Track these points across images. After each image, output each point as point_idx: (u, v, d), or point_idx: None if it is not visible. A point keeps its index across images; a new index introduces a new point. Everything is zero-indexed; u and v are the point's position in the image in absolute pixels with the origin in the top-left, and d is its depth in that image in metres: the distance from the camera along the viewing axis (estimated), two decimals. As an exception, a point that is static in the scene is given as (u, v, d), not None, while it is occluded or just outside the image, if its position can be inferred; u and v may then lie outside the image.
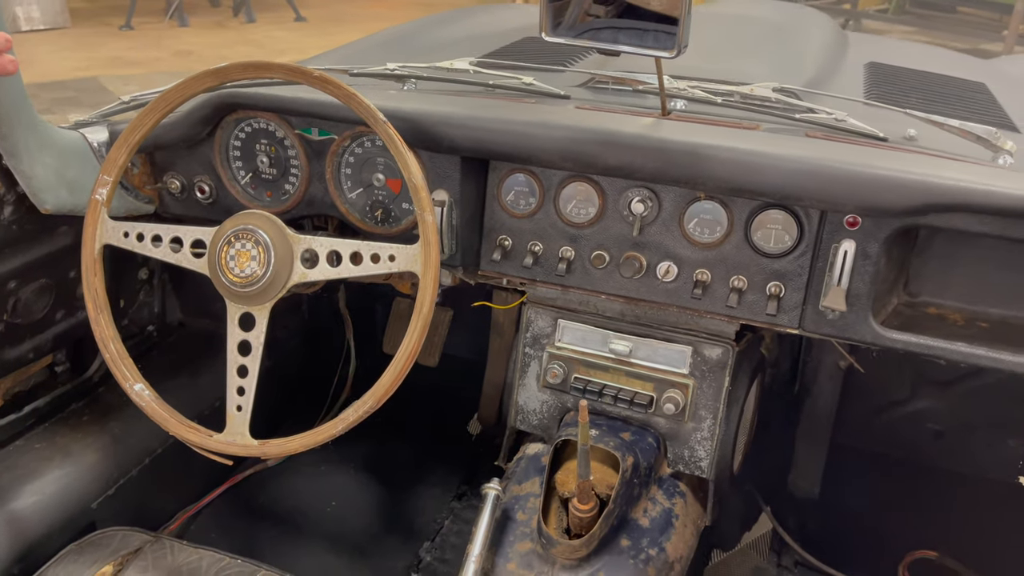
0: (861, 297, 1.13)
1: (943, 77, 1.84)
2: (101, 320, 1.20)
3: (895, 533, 1.75)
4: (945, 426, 1.92)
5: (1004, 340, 1.13)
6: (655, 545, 1.22)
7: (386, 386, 1.12)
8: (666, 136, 1.14)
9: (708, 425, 1.31)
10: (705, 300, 1.24)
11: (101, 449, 1.52)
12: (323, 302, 2.09)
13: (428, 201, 1.11)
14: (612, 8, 0.99)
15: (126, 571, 1.19)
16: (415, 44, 2.14)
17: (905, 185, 1.03)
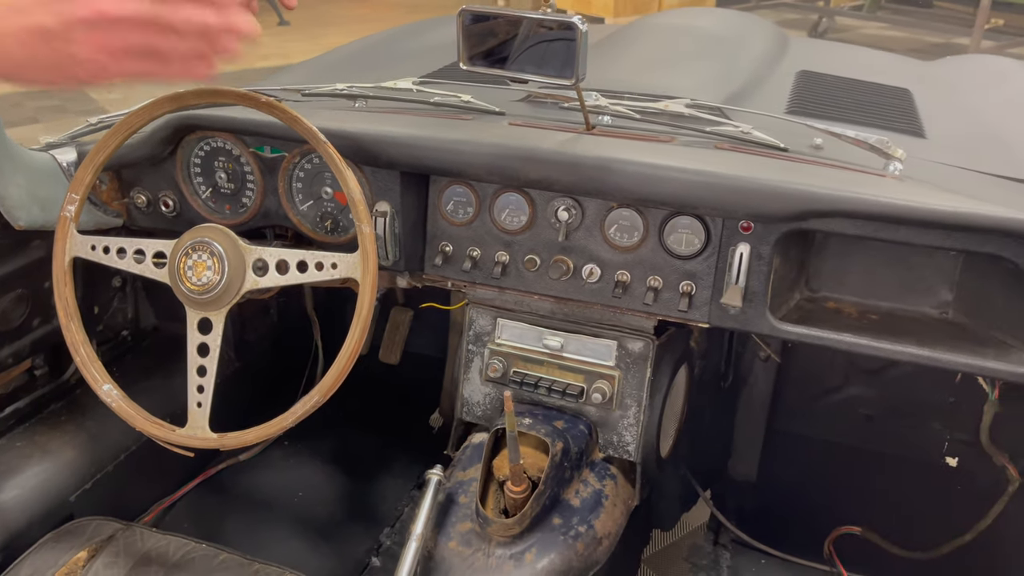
0: (758, 294, 1.25)
1: (868, 84, 1.96)
2: (72, 326, 1.31)
3: (826, 511, 1.87)
4: (875, 411, 2.05)
5: (889, 330, 1.25)
6: (584, 523, 1.33)
7: (331, 382, 1.24)
8: (580, 151, 1.25)
9: (633, 412, 1.43)
10: (625, 299, 1.36)
11: (78, 446, 1.63)
12: (292, 306, 2.21)
13: (366, 213, 1.22)
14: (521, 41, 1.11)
15: (99, 557, 1.30)
16: (378, 57, 2.26)
17: (786, 194, 1.15)
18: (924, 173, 1.33)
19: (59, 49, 0.72)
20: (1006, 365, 1.16)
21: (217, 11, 0.78)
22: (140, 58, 0.76)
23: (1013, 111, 1.92)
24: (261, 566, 1.30)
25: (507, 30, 1.11)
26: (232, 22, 0.80)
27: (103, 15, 0.72)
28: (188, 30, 0.77)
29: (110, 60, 0.74)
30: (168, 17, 0.75)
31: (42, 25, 0.71)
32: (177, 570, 1.28)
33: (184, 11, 0.76)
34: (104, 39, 0.73)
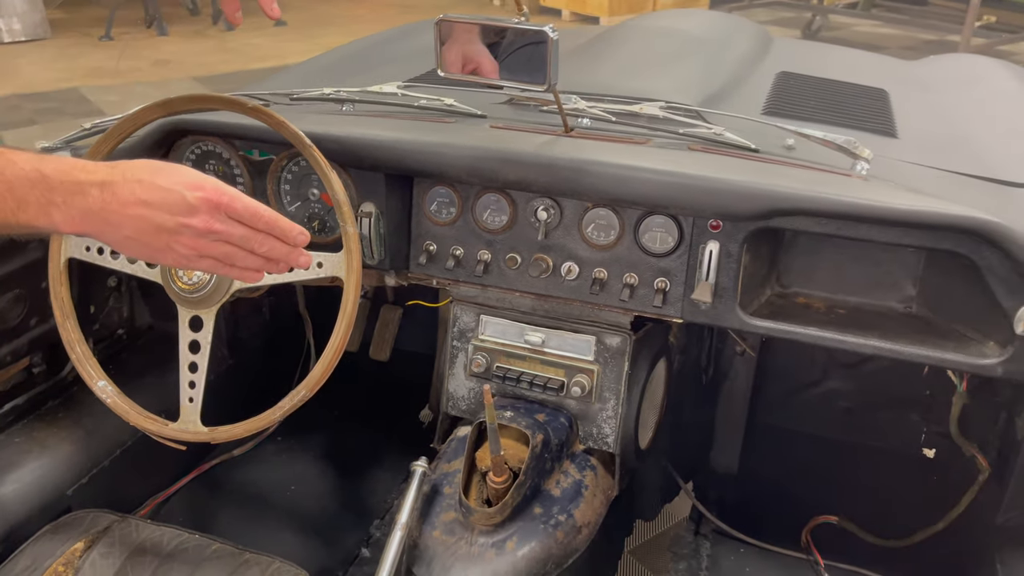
0: (727, 290, 1.29)
1: (845, 85, 2.00)
2: (67, 325, 1.36)
3: (805, 502, 1.92)
4: (854, 403, 2.10)
5: (855, 324, 1.30)
6: (564, 512, 1.38)
7: (318, 376, 1.28)
8: (556, 153, 1.30)
9: (612, 405, 1.48)
10: (602, 295, 1.40)
11: (75, 442, 1.68)
12: (284, 305, 2.26)
13: (350, 214, 1.27)
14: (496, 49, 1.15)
15: (96, 547, 1.35)
16: (366, 61, 2.30)
17: (751, 193, 1.20)
18: (890, 173, 1.38)
19: (165, 240, 0.92)
20: (965, 357, 1.21)
21: (286, 247, 1.00)
22: (216, 261, 0.97)
23: (986, 110, 1.97)
24: (252, 555, 1.35)
25: (483, 39, 1.16)
26: (293, 256, 1.02)
27: (209, 229, 0.92)
28: (261, 253, 0.98)
29: (196, 257, 0.95)
30: (251, 242, 0.96)
31: (161, 222, 0.90)
32: (170, 560, 1.33)
33: (264, 241, 0.97)
34: (200, 244, 0.93)
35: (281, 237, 0.99)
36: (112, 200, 0.88)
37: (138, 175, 0.90)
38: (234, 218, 0.94)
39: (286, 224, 0.99)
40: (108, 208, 0.88)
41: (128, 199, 0.88)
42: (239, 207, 0.94)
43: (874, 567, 1.77)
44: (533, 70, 1.13)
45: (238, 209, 0.94)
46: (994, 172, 1.52)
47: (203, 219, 0.92)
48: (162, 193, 0.89)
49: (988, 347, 1.21)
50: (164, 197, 0.90)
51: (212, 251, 0.95)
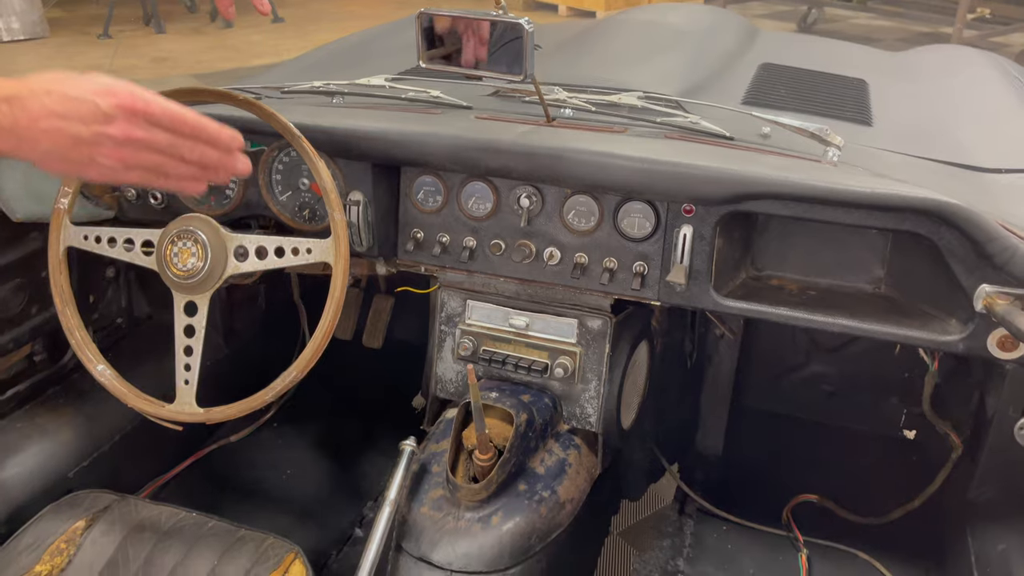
0: (701, 272, 1.34)
1: (826, 75, 2.05)
2: (67, 311, 1.41)
3: (788, 483, 1.97)
4: (836, 387, 2.15)
5: (825, 304, 1.34)
6: (548, 488, 1.43)
7: (308, 358, 1.33)
8: (536, 142, 1.35)
9: (594, 386, 1.53)
10: (583, 279, 1.45)
11: (76, 427, 1.73)
12: (279, 295, 2.31)
13: (337, 201, 1.32)
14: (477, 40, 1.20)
15: (96, 525, 1.40)
16: (356, 55, 2.35)
17: (720, 178, 1.24)
18: (861, 159, 1.43)
19: (85, 153, 0.87)
20: (928, 334, 1.26)
21: (220, 152, 0.96)
22: (146, 172, 0.92)
23: (964, 99, 2.01)
24: (247, 532, 1.40)
25: (463, 30, 1.21)
26: (228, 161, 0.98)
27: (129, 137, 0.88)
28: (192, 160, 0.94)
29: (122, 168, 0.90)
30: (179, 148, 0.92)
31: (77, 133, 0.86)
32: (168, 537, 1.38)
33: (194, 147, 0.93)
34: (124, 154, 0.89)
35: (211, 142, 0.95)
36: (22, 115, 0.84)
37: (46, 86, 0.86)
38: (155, 124, 0.90)
39: (214, 127, 0.95)
40: (19, 124, 0.84)
41: (38, 112, 0.84)
42: (157, 111, 0.90)
43: (852, 543, 1.83)
44: (511, 61, 1.18)
45: (156, 113, 0.90)
46: (966, 158, 1.57)
47: (121, 127, 0.88)
48: (74, 103, 0.85)
49: (950, 325, 1.26)
50: (76, 107, 0.85)
51: (139, 161, 0.91)
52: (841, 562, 1.81)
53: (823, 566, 1.80)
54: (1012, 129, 1.79)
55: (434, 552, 1.32)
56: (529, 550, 1.35)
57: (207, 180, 0.98)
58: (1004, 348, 1.22)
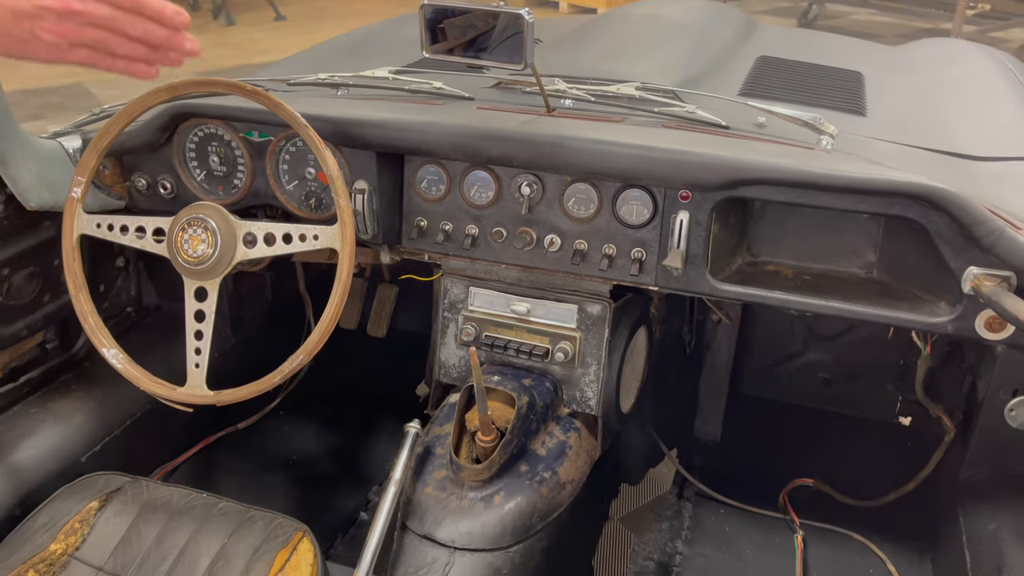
0: (697, 257, 1.38)
1: (822, 68, 2.09)
2: (80, 297, 1.45)
3: (785, 468, 2.01)
4: (833, 374, 2.19)
5: (818, 288, 1.38)
6: (549, 469, 1.47)
7: (314, 342, 1.37)
8: (536, 131, 1.39)
9: (594, 370, 1.57)
10: (583, 266, 1.49)
11: (88, 412, 1.77)
12: (286, 286, 2.35)
13: (343, 189, 1.35)
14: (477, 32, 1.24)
15: (109, 505, 1.44)
16: (361, 50, 2.39)
17: (715, 165, 1.28)
18: (854, 147, 1.46)
19: (26, 27, 0.87)
20: (918, 316, 1.30)
21: (165, 29, 0.94)
22: (92, 49, 0.92)
23: (958, 90, 2.05)
24: (256, 512, 1.44)
25: (465, 22, 1.25)
26: (175, 40, 0.96)
27: (68, 9, 0.88)
28: (136, 36, 0.93)
29: (67, 46, 0.90)
30: (121, 23, 0.91)
31: (16, 6, 0.86)
32: (179, 516, 1.42)
33: (137, 23, 0.92)
34: (66, 28, 0.88)
35: (155, 18, 0.93)
36: None
37: None
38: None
39: (157, 3, 0.93)
40: None
41: None
42: None
43: (847, 525, 1.87)
44: (512, 52, 1.21)
45: None
46: (956, 147, 1.61)
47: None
48: None
49: (940, 307, 1.29)
50: None
51: (82, 37, 0.90)
52: (836, 543, 1.85)
53: (818, 547, 1.84)
54: (1003, 119, 1.83)
55: (438, 530, 1.36)
56: (530, 529, 1.39)
57: (157, 62, 0.97)
58: (992, 329, 1.25)
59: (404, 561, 1.35)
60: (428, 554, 1.35)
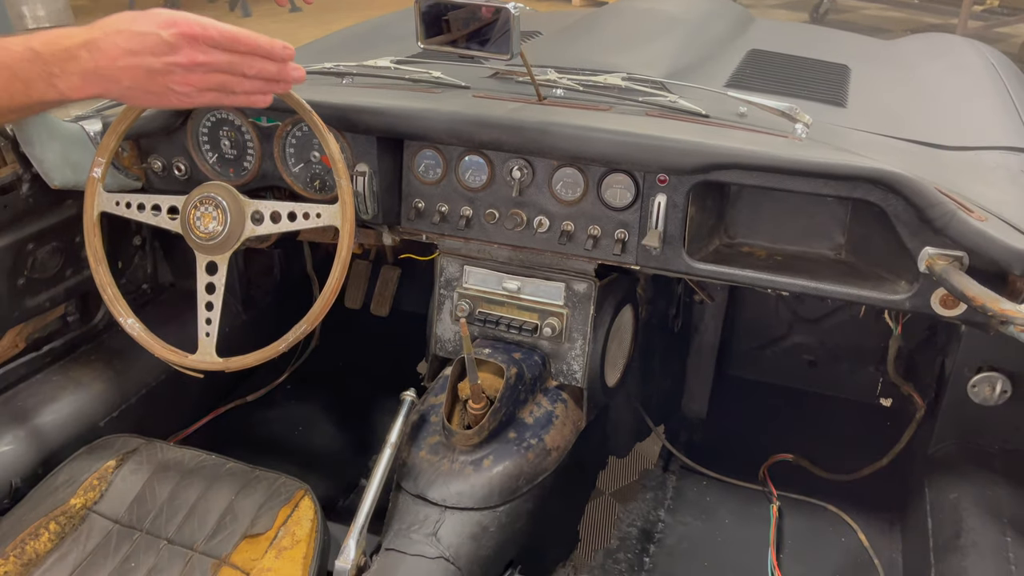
0: (675, 237, 1.47)
1: (809, 61, 2.16)
2: (100, 270, 1.55)
3: (766, 444, 2.10)
4: (817, 356, 2.28)
5: (789, 268, 1.47)
6: (536, 436, 1.56)
7: (317, 312, 1.47)
8: (525, 117, 1.48)
9: (579, 344, 1.66)
10: (569, 246, 1.58)
11: (106, 380, 1.88)
12: (294, 266, 2.46)
13: (344, 170, 1.45)
14: (470, 21, 1.33)
15: (126, 464, 1.55)
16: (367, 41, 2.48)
17: (689, 150, 1.37)
18: (827, 136, 1.55)
19: (161, 83, 1.00)
20: (879, 293, 1.38)
21: (275, 63, 1.08)
22: (216, 92, 1.05)
23: (941, 83, 2.13)
24: (261, 472, 1.54)
25: (457, 14, 1.34)
26: (284, 71, 1.10)
27: (194, 62, 1.00)
28: (252, 74, 1.06)
29: (195, 92, 1.03)
30: (240, 66, 1.04)
31: (150, 66, 0.98)
32: (191, 475, 1.53)
33: (252, 63, 1.05)
34: (194, 79, 1.01)
35: (267, 55, 1.05)
36: (101, 57, 0.95)
37: (117, 27, 0.97)
38: (215, 46, 1.00)
39: (266, 42, 1.05)
40: (100, 65, 0.95)
41: (114, 52, 0.95)
42: (215, 34, 1.00)
43: (822, 498, 1.96)
44: (501, 43, 1.31)
45: (215, 36, 1.00)
46: (928, 137, 1.69)
47: (186, 53, 0.98)
48: (142, 38, 0.96)
49: (899, 285, 1.38)
50: (144, 42, 0.96)
51: (208, 83, 1.02)
52: (810, 513, 1.94)
53: (793, 517, 1.93)
54: (977, 111, 1.90)
55: (430, 490, 1.46)
56: (517, 491, 1.49)
57: (271, 92, 1.11)
58: (946, 306, 1.34)
59: (398, 518, 1.45)
60: (420, 512, 1.44)
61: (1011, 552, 1.39)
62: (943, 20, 7.71)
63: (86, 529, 1.44)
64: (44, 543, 1.40)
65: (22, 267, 1.71)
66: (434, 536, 1.40)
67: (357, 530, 1.37)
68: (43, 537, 1.41)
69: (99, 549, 1.41)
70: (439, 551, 1.38)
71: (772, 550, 1.85)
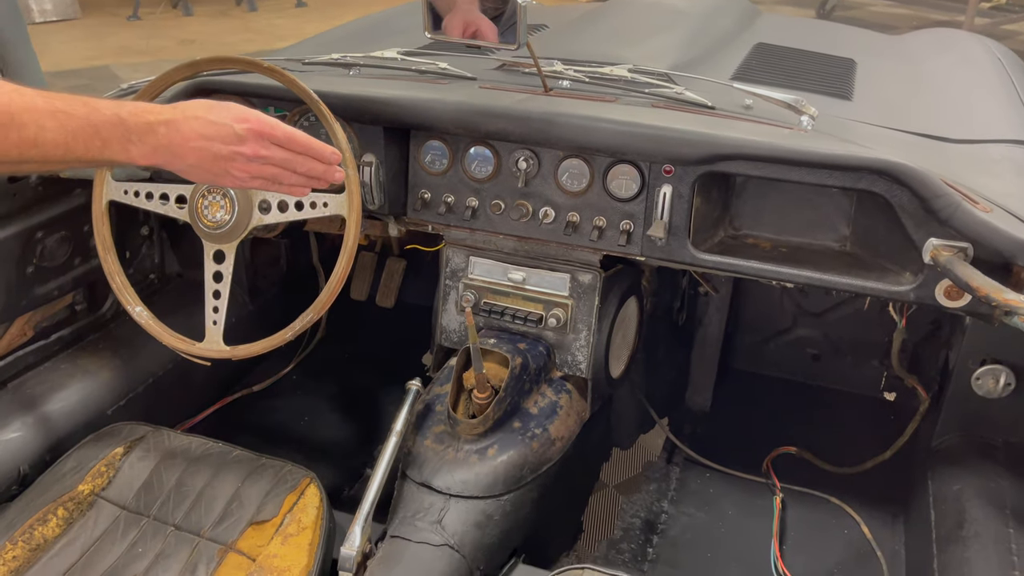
0: (679, 228, 1.48)
1: (815, 55, 2.17)
2: (108, 258, 1.57)
3: (770, 437, 2.11)
4: (821, 350, 2.29)
5: (793, 260, 1.48)
6: (540, 427, 1.57)
7: (323, 301, 1.48)
8: (531, 108, 1.49)
9: (584, 335, 1.67)
10: (575, 237, 1.59)
11: (114, 370, 1.89)
12: (300, 258, 2.47)
13: (351, 160, 1.46)
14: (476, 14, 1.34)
15: (133, 452, 1.56)
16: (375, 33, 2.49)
17: (694, 140, 1.38)
18: (833, 128, 1.55)
19: (222, 167, 1.12)
20: (884, 285, 1.39)
21: (322, 166, 1.20)
22: (266, 181, 1.17)
23: (944, 78, 2.13)
24: (267, 460, 1.55)
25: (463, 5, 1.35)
26: (329, 172, 1.22)
27: (257, 155, 1.13)
28: (302, 172, 1.19)
29: (249, 179, 1.15)
30: (292, 163, 1.17)
31: (218, 152, 1.10)
32: (197, 462, 1.54)
33: (304, 162, 1.18)
34: (251, 168, 1.14)
35: (317, 157, 1.19)
36: (176, 136, 1.07)
37: (196, 113, 1.09)
38: (276, 143, 1.14)
39: (319, 146, 1.19)
40: (173, 143, 1.07)
41: (189, 134, 1.07)
42: (279, 134, 1.14)
43: (826, 490, 1.96)
44: (508, 34, 1.31)
45: (279, 136, 1.14)
46: (934, 130, 1.69)
47: (251, 146, 1.11)
48: (216, 127, 1.09)
49: (904, 276, 1.39)
50: (218, 130, 1.09)
51: (262, 173, 1.15)
52: (814, 506, 1.95)
53: (796, 509, 1.94)
54: (982, 105, 1.91)
55: (435, 478, 1.47)
56: (521, 480, 1.50)
57: (311, 187, 1.23)
58: (950, 297, 1.34)
59: (403, 506, 1.46)
60: (425, 500, 1.45)
61: (1014, 543, 1.39)
62: (950, 17, 7.69)
63: (94, 515, 1.45)
64: (52, 528, 1.41)
65: (31, 256, 1.73)
66: (439, 524, 1.41)
67: (362, 517, 1.37)
68: (51, 523, 1.42)
69: (107, 534, 1.42)
70: (444, 538, 1.39)
71: (775, 541, 1.85)
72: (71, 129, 0.99)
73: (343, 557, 1.34)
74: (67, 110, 0.99)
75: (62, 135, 0.98)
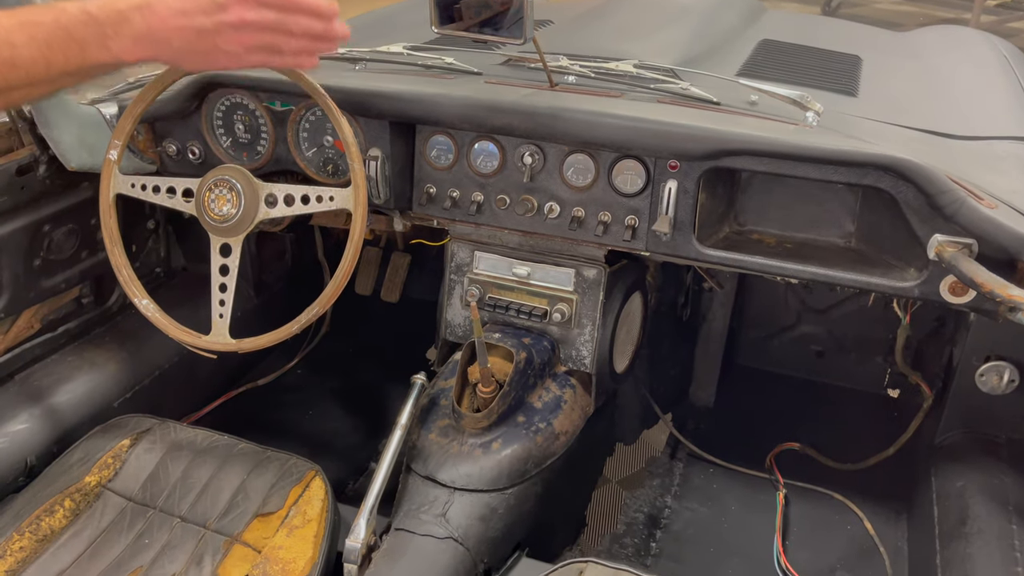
0: (684, 223, 1.48)
1: (820, 51, 2.17)
2: (115, 251, 1.57)
3: (773, 433, 2.11)
4: (825, 347, 2.29)
5: (797, 255, 1.48)
6: (544, 421, 1.58)
7: (329, 295, 1.48)
8: (537, 103, 1.49)
9: (588, 330, 1.67)
10: (580, 232, 1.59)
11: (120, 362, 1.90)
12: (305, 253, 2.47)
13: (357, 154, 1.46)
14: (483, 7, 1.34)
15: (140, 443, 1.57)
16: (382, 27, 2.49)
17: (699, 136, 1.38)
18: (838, 124, 1.55)
19: (209, 43, 1.03)
20: (889, 281, 1.39)
21: (321, 21, 1.10)
22: (265, 51, 1.07)
23: (950, 74, 2.13)
24: (272, 453, 1.56)
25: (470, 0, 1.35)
26: (331, 29, 1.12)
27: (243, 20, 1.03)
28: (300, 33, 1.09)
29: (244, 52, 1.06)
30: (287, 24, 1.07)
31: (201, 25, 1.01)
32: (203, 454, 1.55)
33: (299, 21, 1.08)
34: (243, 38, 1.04)
35: (313, 13, 1.09)
36: (153, 19, 0.99)
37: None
38: (262, 5, 1.05)
39: (311, 1, 1.08)
40: (152, 27, 0.99)
41: (165, 14, 0.99)
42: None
43: (829, 486, 1.97)
44: (514, 28, 1.32)
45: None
46: (939, 127, 1.69)
47: (235, 12, 1.02)
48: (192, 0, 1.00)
49: (908, 272, 1.39)
50: (196, 3, 1.00)
51: (256, 42, 1.06)
52: (816, 502, 1.95)
53: (799, 504, 1.95)
54: (988, 102, 1.91)
55: (440, 472, 1.47)
56: (525, 474, 1.50)
57: (317, 52, 1.14)
58: (955, 293, 1.35)
59: (408, 499, 1.47)
60: (430, 493, 1.46)
61: (1016, 539, 1.40)
62: (956, 15, 7.66)
63: (100, 506, 1.46)
64: (59, 519, 1.42)
65: (38, 248, 1.73)
66: (443, 517, 1.42)
67: (367, 510, 1.38)
68: (58, 514, 1.43)
69: (113, 526, 1.43)
70: (448, 531, 1.40)
71: (778, 537, 1.86)
72: (43, 39, 0.93)
73: (348, 549, 1.35)
74: (33, 19, 0.94)
75: (37, 48, 0.93)
